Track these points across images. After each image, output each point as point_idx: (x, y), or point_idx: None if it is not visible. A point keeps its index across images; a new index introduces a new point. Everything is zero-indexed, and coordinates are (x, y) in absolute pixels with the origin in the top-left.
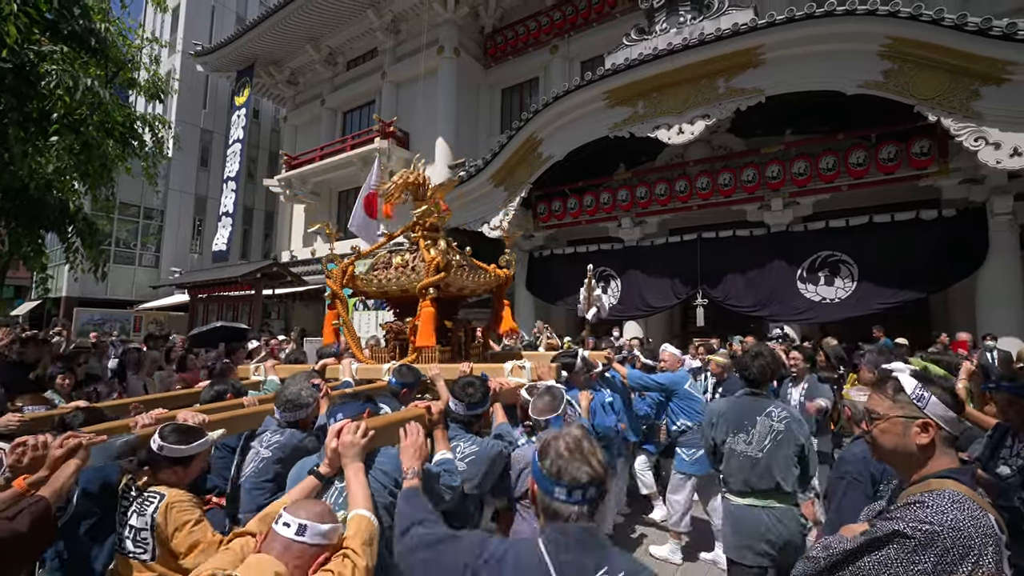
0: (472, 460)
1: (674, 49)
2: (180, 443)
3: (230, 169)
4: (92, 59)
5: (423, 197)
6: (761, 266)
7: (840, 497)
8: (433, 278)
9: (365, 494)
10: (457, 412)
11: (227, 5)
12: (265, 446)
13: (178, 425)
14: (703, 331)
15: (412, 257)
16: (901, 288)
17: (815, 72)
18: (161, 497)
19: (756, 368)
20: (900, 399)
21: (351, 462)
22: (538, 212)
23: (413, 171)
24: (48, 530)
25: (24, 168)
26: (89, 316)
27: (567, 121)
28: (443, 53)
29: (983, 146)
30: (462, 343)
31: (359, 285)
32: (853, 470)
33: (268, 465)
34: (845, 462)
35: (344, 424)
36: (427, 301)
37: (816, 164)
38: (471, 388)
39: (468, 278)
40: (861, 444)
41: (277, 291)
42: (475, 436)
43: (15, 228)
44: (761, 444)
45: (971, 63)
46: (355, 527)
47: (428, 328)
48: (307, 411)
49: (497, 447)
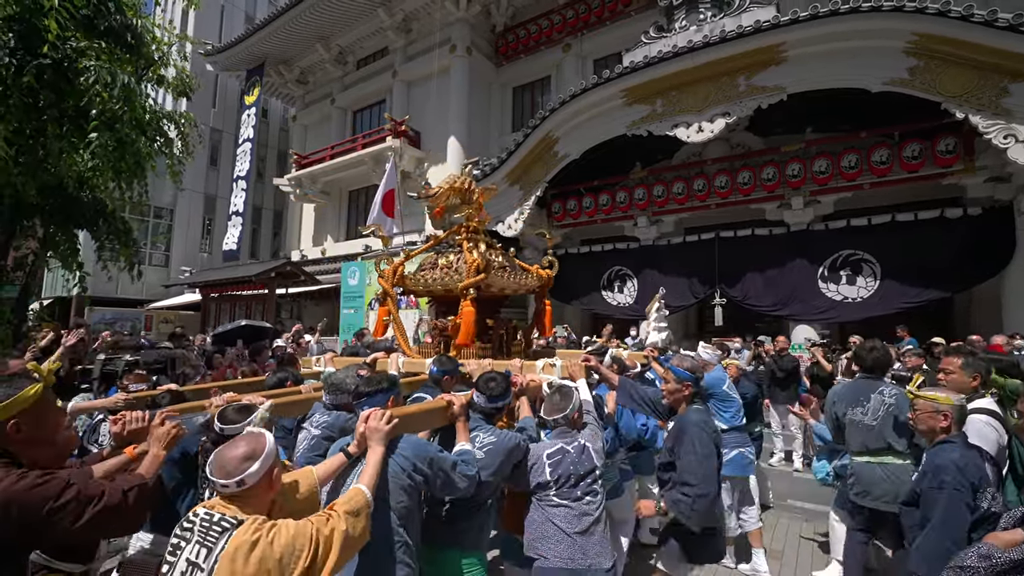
0: (490, 450)
1: (695, 46)
2: (235, 422)
3: (240, 168)
4: (126, 55)
5: (469, 201)
6: (781, 265)
7: (943, 509)
8: (473, 279)
9: (373, 474)
10: (480, 404)
11: (236, 4)
12: (315, 426)
13: (236, 405)
14: (721, 331)
15: (456, 259)
16: (925, 287)
17: (839, 69)
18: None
19: (871, 359)
20: None
21: (375, 445)
22: (553, 211)
23: (461, 176)
24: (144, 510)
25: (61, 166)
26: (100, 315)
27: (584, 120)
28: (455, 52)
29: (1013, 144)
30: (503, 341)
31: (408, 284)
32: (953, 480)
33: (319, 442)
34: (942, 470)
35: (372, 411)
36: (467, 301)
37: (838, 162)
38: (492, 382)
39: (509, 279)
40: (955, 451)
41: (290, 290)
42: (495, 428)
43: (50, 227)
44: (875, 415)
45: (1001, 59)
46: (348, 496)
47: (468, 327)
48: (350, 397)
49: (515, 439)
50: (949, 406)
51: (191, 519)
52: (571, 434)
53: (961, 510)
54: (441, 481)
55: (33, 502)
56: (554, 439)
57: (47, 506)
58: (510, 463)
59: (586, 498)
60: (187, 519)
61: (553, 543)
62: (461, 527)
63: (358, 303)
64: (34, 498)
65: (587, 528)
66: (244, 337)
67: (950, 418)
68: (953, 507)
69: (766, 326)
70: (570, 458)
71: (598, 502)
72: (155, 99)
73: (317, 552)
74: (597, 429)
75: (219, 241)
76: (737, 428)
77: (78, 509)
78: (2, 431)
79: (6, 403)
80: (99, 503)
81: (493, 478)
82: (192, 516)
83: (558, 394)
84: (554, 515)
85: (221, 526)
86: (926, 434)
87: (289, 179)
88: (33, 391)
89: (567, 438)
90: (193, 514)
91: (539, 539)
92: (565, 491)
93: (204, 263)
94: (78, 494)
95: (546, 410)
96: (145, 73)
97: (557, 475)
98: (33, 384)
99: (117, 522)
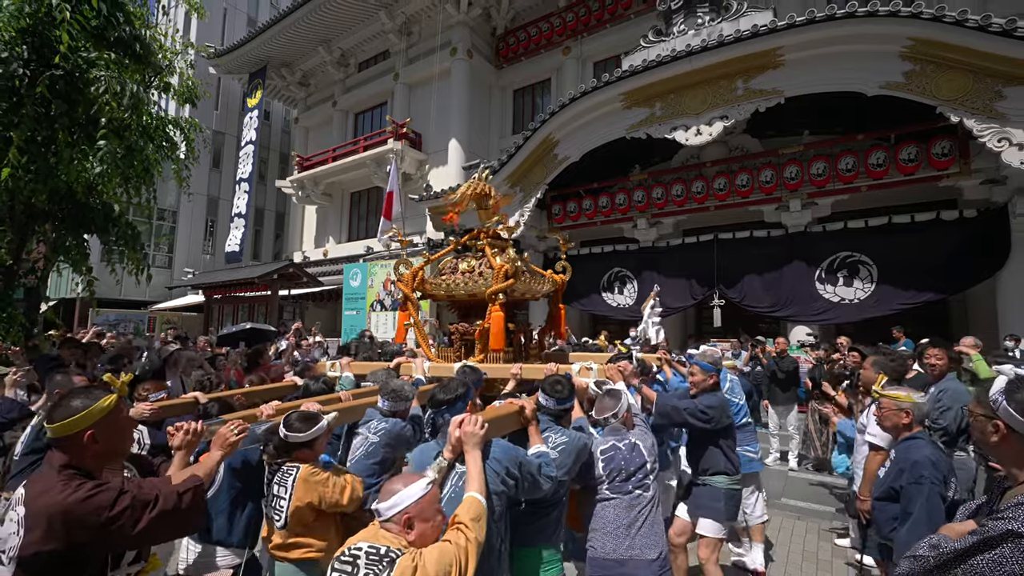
0: (563, 449)
1: (693, 50)
2: (300, 430)
3: (243, 171)
4: (134, 64)
5: (487, 207)
6: (779, 267)
7: (925, 502)
8: (502, 284)
9: (480, 478)
10: (548, 406)
11: (239, 7)
12: (373, 432)
13: (300, 413)
14: (719, 332)
15: (478, 263)
16: (921, 289)
17: (835, 74)
18: (298, 469)
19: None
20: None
21: (472, 449)
22: (553, 213)
23: (479, 182)
24: (201, 511)
25: (71, 173)
26: (105, 317)
27: (584, 122)
28: (456, 55)
29: (1007, 147)
30: (522, 344)
31: (428, 288)
32: (930, 475)
33: (377, 448)
34: (919, 466)
35: (466, 416)
36: (496, 306)
37: (835, 165)
38: (559, 385)
39: (530, 284)
40: (927, 447)
41: (292, 292)
42: (564, 428)
43: (61, 232)
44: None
45: (995, 64)
46: (467, 506)
47: (499, 332)
48: (407, 404)
49: (583, 439)
50: (910, 404)
51: (354, 551)
52: (622, 432)
53: (939, 502)
54: (529, 483)
55: (88, 512)
56: (606, 436)
57: (103, 515)
58: (580, 461)
59: (636, 491)
60: (348, 552)
61: (602, 535)
62: (539, 524)
63: (360, 305)
64: (88, 508)
65: (635, 521)
66: (248, 340)
67: (911, 415)
68: (933, 500)
69: (766, 327)
70: (621, 455)
71: (649, 496)
72: (161, 106)
73: (462, 564)
74: (646, 428)
75: (222, 243)
76: (739, 427)
77: (135, 515)
78: (79, 440)
79: (84, 413)
80: (155, 508)
81: (568, 476)
82: (355, 549)
83: (608, 396)
84: (605, 508)
85: (390, 556)
86: (891, 431)
87: (291, 181)
88: (108, 401)
89: (618, 436)
90: (356, 546)
91: (591, 531)
92: (616, 485)
93: (207, 265)
94: (133, 500)
95: (598, 410)
96: (153, 81)
97: (609, 470)
98: (108, 395)
99: (174, 524)
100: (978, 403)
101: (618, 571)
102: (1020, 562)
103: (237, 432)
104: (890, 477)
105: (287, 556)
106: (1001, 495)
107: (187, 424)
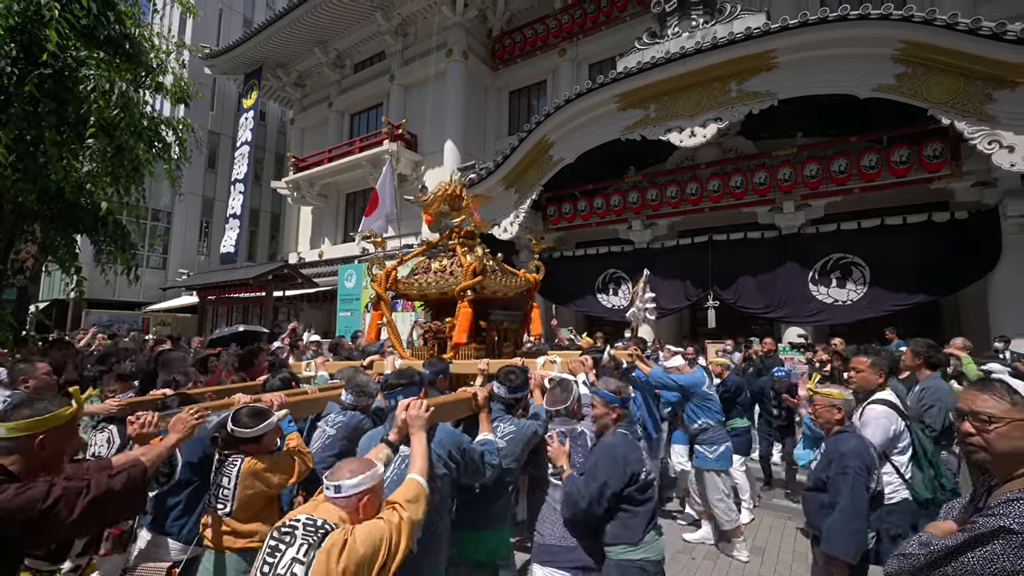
0: (511, 438)
1: (687, 53)
2: (247, 426)
3: (238, 171)
4: (125, 63)
5: (459, 208)
6: (773, 268)
7: (850, 491)
8: (471, 281)
9: (423, 461)
10: (500, 394)
11: (234, 8)
12: (331, 425)
13: (250, 408)
14: (713, 333)
15: (450, 262)
16: (913, 291)
17: (828, 76)
18: (242, 460)
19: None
20: (1018, 401)
21: (416, 431)
22: (548, 214)
23: (451, 184)
24: (140, 491)
25: (59, 172)
26: (97, 317)
27: (579, 124)
28: (451, 56)
29: (997, 149)
30: (495, 342)
31: (401, 288)
32: (855, 465)
33: (334, 441)
34: (845, 457)
35: (412, 400)
36: (464, 303)
37: (828, 167)
38: (512, 375)
39: (501, 282)
40: (852, 439)
41: (287, 293)
42: (514, 418)
43: (50, 232)
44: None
45: (985, 67)
46: (405, 487)
47: (465, 327)
48: (370, 400)
49: (532, 427)
50: (842, 400)
51: (292, 523)
52: (571, 423)
53: (863, 491)
54: (471, 469)
55: (21, 507)
56: (556, 427)
57: (37, 507)
58: (528, 449)
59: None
60: (287, 523)
61: (550, 523)
62: (491, 509)
63: (355, 306)
64: (20, 503)
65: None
66: (240, 342)
67: (843, 411)
68: (858, 488)
69: (759, 328)
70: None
71: None
72: (153, 106)
73: (392, 541)
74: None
75: (216, 244)
76: (722, 423)
77: (69, 503)
78: (29, 443)
79: (43, 417)
80: (88, 494)
81: (515, 464)
82: (294, 520)
83: (559, 387)
84: (553, 497)
85: (325, 529)
86: (824, 426)
87: (287, 182)
88: (69, 412)
89: (567, 427)
90: (295, 519)
91: (541, 519)
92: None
93: (201, 266)
94: (64, 490)
95: (549, 401)
96: (144, 81)
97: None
98: (68, 406)
99: (112, 507)
100: (1012, 407)
101: (566, 557)
102: (1011, 559)
103: (196, 416)
104: (820, 468)
105: (232, 546)
106: (987, 493)
107: (142, 415)
